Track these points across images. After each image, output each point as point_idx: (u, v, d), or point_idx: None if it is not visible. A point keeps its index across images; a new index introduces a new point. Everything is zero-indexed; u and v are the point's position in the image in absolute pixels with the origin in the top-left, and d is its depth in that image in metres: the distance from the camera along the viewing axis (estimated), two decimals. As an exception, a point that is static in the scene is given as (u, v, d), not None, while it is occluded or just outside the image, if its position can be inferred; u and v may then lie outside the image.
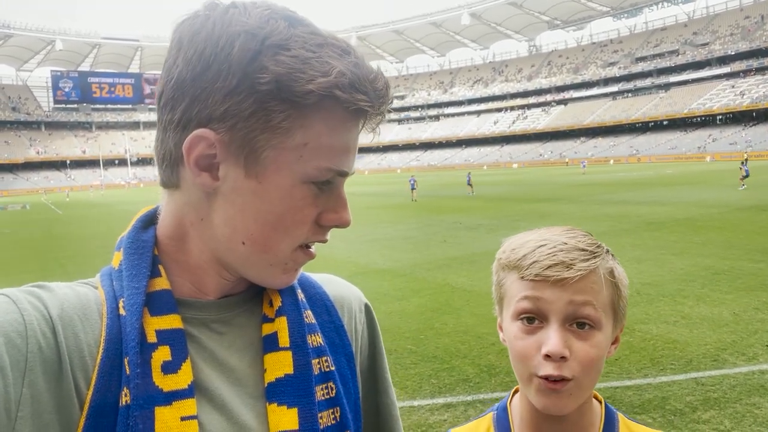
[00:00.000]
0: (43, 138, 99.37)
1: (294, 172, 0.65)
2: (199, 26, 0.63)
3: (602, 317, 0.78)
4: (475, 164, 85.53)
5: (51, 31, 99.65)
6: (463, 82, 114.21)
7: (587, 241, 0.81)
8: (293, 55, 0.61)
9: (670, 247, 10.84)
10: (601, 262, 0.79)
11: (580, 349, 0.77)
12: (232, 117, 0.62)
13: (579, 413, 0.84)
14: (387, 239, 14.46)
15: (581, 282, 0.77)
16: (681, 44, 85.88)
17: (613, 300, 0.80)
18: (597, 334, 0.78)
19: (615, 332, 0.83)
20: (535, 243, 0.81)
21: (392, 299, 8.13)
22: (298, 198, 0.66)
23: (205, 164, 0.65)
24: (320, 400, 0.71)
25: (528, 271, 0.78)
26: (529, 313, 0.79)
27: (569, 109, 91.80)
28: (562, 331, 0.77)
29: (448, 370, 5.30)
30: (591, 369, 0.78)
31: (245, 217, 0.66)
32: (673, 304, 7.05)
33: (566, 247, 0.79)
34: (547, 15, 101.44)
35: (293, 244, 0.69)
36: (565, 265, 0.77)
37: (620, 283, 0.82)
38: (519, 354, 0.80)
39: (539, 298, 0.78)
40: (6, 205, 47.78)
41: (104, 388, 0.60)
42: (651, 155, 67.88)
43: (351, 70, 0.63)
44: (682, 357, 5.31)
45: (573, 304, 0.77)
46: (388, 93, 0.67)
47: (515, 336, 0.81)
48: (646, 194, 22.74)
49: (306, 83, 0.61)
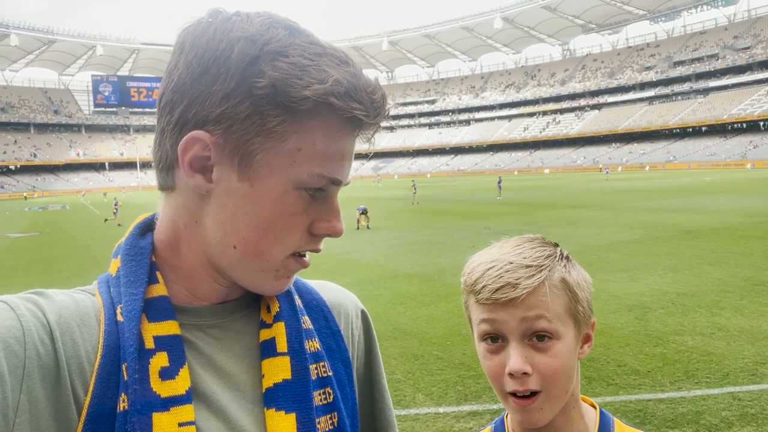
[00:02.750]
0: (83, 140, 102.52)
1: (287, 177, 0.65)
2: (201, 31, 0.65)
3: (559, 326, 0.80)
4: (506, 169, 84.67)
5: (92, 37, 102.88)
6: (495, 87, 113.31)
7: (534, 255, 0.83)
8: (291, 62, 0.62)
9: (708, 256, 10.52)
10: (547, 274, 0.81)
11: (541, 362, 0.80)
12: (228, 119, 0.63)
13: (566, 421, 0.86)
14: (414, 243, 14.42)
15: (530, 298, 0.79)
16: (721, 48, 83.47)
17: (569, 306, 0.82)
18: (556, 344, 0.80)
19: (581, 334, 0.85)
20: (485, 266, 0.83)
21: (419, 304, 8.10)
22: (289, 204, 0.66)
23: (199, 166, 0.66)
24: (318, 406, 0.72)
25: (480, 296, 0.82)
26: (490, 334, 0.82)
27: (604, 114, 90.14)
28: (521, 348, 0.80)
29: (475, 378, 5.24)
30: (556, 379, 0.80)
31: (236, 221, 0.66)
32: (709, 315, 6.83)
33: (512, 266, 0.81)
34: (582, 18, 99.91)
35: (285, 251, 0.68)
36: (511, 286, 0.79)
37: (575, 287, 0.83)
38: (489, 374, 0.84)
39: (495, 319, 0.81)
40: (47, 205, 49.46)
41: (102, 394, 0.60)
42: (689, 162, 66.11)
43: (348, 79, 0.64)
44: (719, 370, 5.13)
45: (526, 321, 0.79)
46: (384, 104, 0.68)
47: (483, 356, 0.85)
48: (683, 202, 22.13)
49: (302, 89, 0.62)
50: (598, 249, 11.98)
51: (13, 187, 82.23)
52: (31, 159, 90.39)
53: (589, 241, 13.10)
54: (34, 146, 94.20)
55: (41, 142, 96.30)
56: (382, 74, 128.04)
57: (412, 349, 6.12)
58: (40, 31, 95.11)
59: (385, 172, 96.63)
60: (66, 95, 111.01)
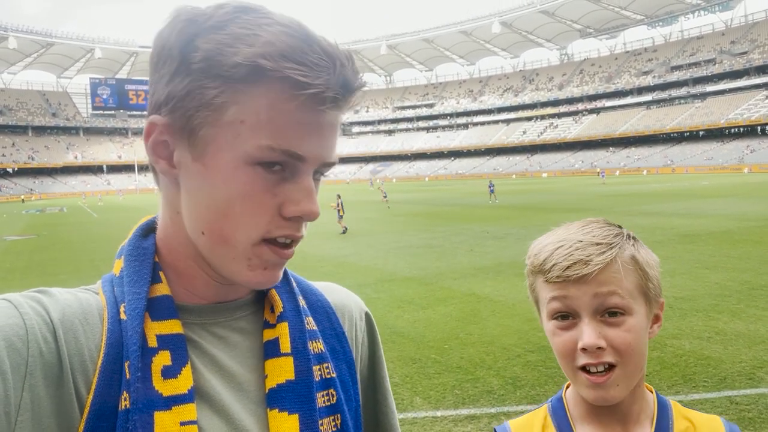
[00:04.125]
0: (81, 143, 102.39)
1: (234, 151, 0.62)
2: (161, 28, 0.66)
3: (631, 303, 0.82)
4: (504, 173, 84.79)
5: (91, 40, 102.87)
6: (493, 91, 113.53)
7: (603, 234, 0.84)
8: (227, 33, 0.61)
9: (705, 260, 10.54)
10: (618, 251, 0.82)
11: (615, 336, 0.80)
12: (172, 99, 0.63)
13: (631, 399, 0.87)
14: (413, 247, 14.42)
15: (601, 274, 0.80)
16: (718, 53, 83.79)
17: (640, 284, 0.83)
18: (629, 319, 0.81)
19: (652, 312, 0.86)
20: (554, 245, 0.85)
21: (417, 308, 8.10)
22: (243, 181, 0.63)
23: (163, 152, 0.66)
24: (321, 407, 0.71)
25: (550, 274, 0.83)
26: (561, 312, 0.84)
27: (601, 119, 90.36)
28: (594, 323, 0.81)
29: (472, 381, 5.24)
30: (631, 353, 0.81)
31: (199, 205, 0.65)
32: (707, 319, 6.85)
33: (581, 244, 0.82)
34: (580, 23, 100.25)
35: (251, 236, 0.64)
36: (582, 263, 0.81)
37: (645, 266, 0.84)
38: (559, 351, 0.85)
39: (566, 296, 0.82)
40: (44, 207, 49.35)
41: (104, 392, 0.60)
42: (686, 166, 66.28)
43: (283, 40, 0.60)
44: (716, 374, 5.14)
45: (598, 297, 0.80)
46: (342, 69, 0.62)
47: (553, 333, 0.85)
48: (681, 206, 22.18)
49: (233, 56, 0.60)
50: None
51: (11, 189, 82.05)
52: (29, 162, 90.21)
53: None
54: (31, 149, 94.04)
55: (39, 145, 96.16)
56: (380, 78, 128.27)
57: (409, 352, 6.11)
58: (38, 34, 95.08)
59: (384, 176, 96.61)
60: (64, 98, 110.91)
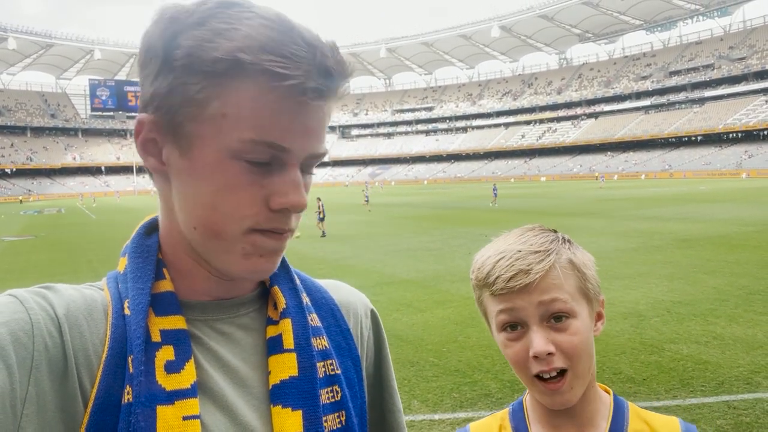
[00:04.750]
0: (79, 144, 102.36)
1: (217, 145, 0.63)
2: (148, 27, 0.66)
3: (574, 305, 0.84)
4: (502, 177, 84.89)
5: (90, 41, 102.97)
6: (492, 95, 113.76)
7: (540, 241, 0.86)
8: (207, 29, 0.61)
9: (703, 265, 10.55)
10: (555, 257, 0.85)
11: (562, 341, 0.83)
12: (158, 96, 0.64)
13: (584, 400, 0.89)
14: (411, 250, 14.42)
15: (543, 282, 0.83)
16: (716, 58, 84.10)
17: (580, 285, 0.86)
18: (574, 322, 0.84)
19: (594, 311, 0.89)
20: (495, 258, 0.86)
21: (415, 310, 8.09)
22: (228, 175, 0.63)
23: (152, 149, 0.67)
24: (325, 404, 0.71)
25: (495, 287, 0.84)
26: (509, 323, 0.85)
27: (600, 123, 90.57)
28: (541, 330, 0.83)
29: (471, 384, 5.24)
30: (580, 355, 0.84)
31: (188, 200, 0.66)
32: (704, 323, 6.85)
33: (521, 254, 0.84)
34: (579, 28, 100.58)
35: (241, 227, 0.65)
36: (524, 272, 0.82)
37: (582, 267, 0.87)
38: (513, 361, 0.86)
39: (512, 308, 0.84)
40: (42, 208, 49.27)
41: (108, 387, 0.61)
42: (684, 171, 66.44)
43: (264, 33, 0.61)
44: (714, 379, 5.14)
45: (543, 304, 0.83)
46: (322, 59, 0.62)
47: (504, 345, 0.87)
48: (679, 210, 22.21)
49: (212, 51, 0.61)
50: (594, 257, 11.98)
51: (9, 190, 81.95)
52: (27, 162, 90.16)
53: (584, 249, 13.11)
54: (30, 150, 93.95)
55: (38, 146, 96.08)
56: (379, 81, 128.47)
57: (407, 355, 6.11)
58: (38, 35, 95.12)
59: (382, 179, 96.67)
60: (63, 99, 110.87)
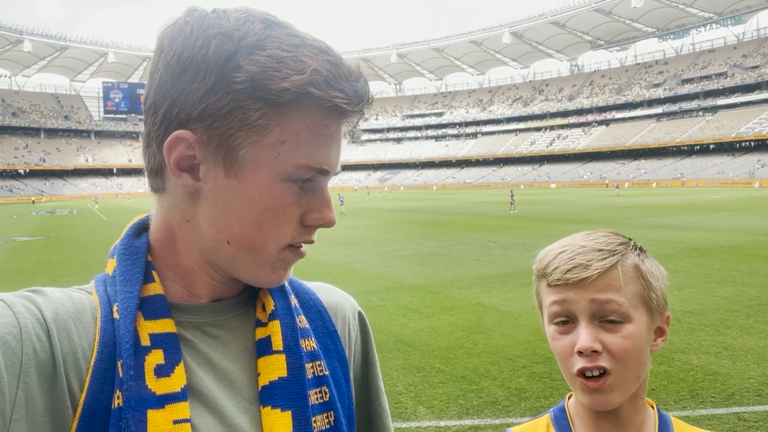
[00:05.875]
0: (92, 146, 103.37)
1: (273, 170, 0.65)
2: (178, 31, 0.65)
3: (630, 311, 0.81)
4: (512, 183, 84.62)
5: (104, 44, 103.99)
6: (502, 101, 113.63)
7: (607, 241, 0.85)
8: (268, 55, 0.62)
9: (714, 274, 10.44)
10: (620, 259, 0.83)
11: (611, 341, 0.80)
12: (210, 116, 0.63)
13: (633, 409, 0.86)
14: (419, 255, 14.39)
15: (601, 280, 0.81)
16: (730, 66, 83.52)
17: (642, 293, 0.83)
18: (627, 327, 0.81)
19: (654, 324, 0.86)
20: (557, 250, 0.87)
21: (422, 316, 8.06)
22: (278, 197, 0.66)
23: (186, 165, 0.66)
24: (314, 404, 0.72)
25: (552, 278, 0.84)
26: (560, 316, 0.84)
27: (611, 130, 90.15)
28: (590, 327, 0.81)
29: (477, 392, 5.20)
30: (627, 360, 0.80)
31: (228, 217, 0.66)
32: (715, 334, 6.77)
33: (584, 249, 0.84)
34: (590, 35, 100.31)
35: (279, 244, 0.68)
36: (582, 267, 0.82)
37: (648, 275, 0.84)
38: (558, 354, 0.85)
39: (565, 300, 0.83)
40: (54, 209, 49.74)
41: (97, 391, 0.60)
42: (696, 179, 65.91)
43: (327, 68, 0.64)
44: (724, 390, 5.07)
45: (596, 302, 0.81)
46: (366, 91, 0.67)
47: (552, 338, 0.86)
48: (690, 219, 22.00)
49: (281, 81, 0.62)
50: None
51: (22, 191, 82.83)
52: (41, 163, 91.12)
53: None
54: (43, 151, 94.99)
55: (51, 147, 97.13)
56: (390, 86, 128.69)
57: (414, 361, 6.08)
58: (52, 38, 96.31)
59: (391, 183, 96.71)
60: (77, 101, 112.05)
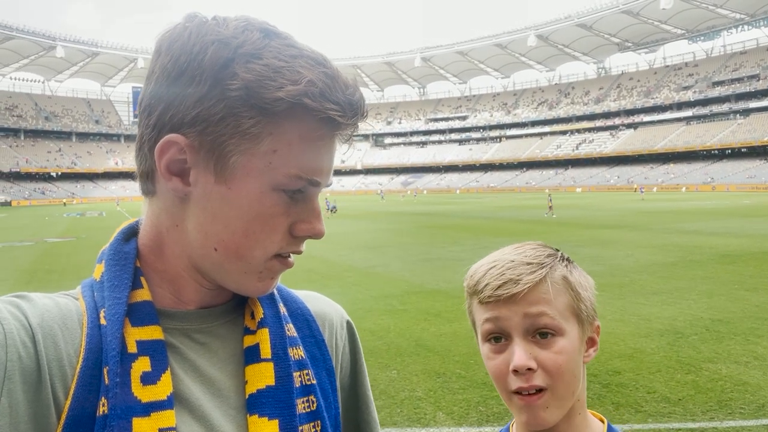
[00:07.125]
0: (121, 150, 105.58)
1: (263, 178, 0.65)
2: (176, 36, 0.65)
3: (562, 323, 0.80)
4: (537, 187, 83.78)
5: (134, 50, 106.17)
6: (527, 104, 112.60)
7: (535, 254, 0.85)
8: (264, 64, 0.62)
9: (745, 281, 10.15)
10: (548, 271, 0.82)
11: (545, 358, 0.79)
12: (203, 122, 0.63)
13: (570, 428, 0.84)
14: (441, 259, 14.31)
15: (531, 294, 0.80)
16: (762, 68, 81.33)
17: (572, 304, 0.82)
18: (560, 340, 0.80)
19: (585, 335, 0.84)
20: (487, 266, 0.85)
21: (444, 321, 8.01)
22: (268, 205, 0.66)
23: (177, 169, 0.66)
24: (301, 413, 0.71)
25: (483, 295, 0.82)
26: (493, 333, 0.82)
27: (639, 134, 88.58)
28: (524, 344, 0.79)
29: (497, 399, 5.13)
30: (562, 375, 0.79)
31: (216, 223, 0.66)
32: (745, 343, 6.57)
33: (513, 264, 0.83)
34: (618, 37, 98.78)
35: (266, 253, 0.68)
36: (512, 282, 0.80)
37: (577, 286, 0.83)
38: (493, 374, 0.83)
39: (497, 317, 0.81)
40: (84, 211, 50.93)
41: (82, 398, 0.60)
42: (727, 184, 64.29)
43: (322, 79, 0.64)
44: (754, 401, 4.91)
45: (528, 317, 0.79)
46: (362, 104, 0.67)
47: (487, 357, 0.84)
48: (721, 225, 21.46)
49: (275, 90, 0.62)
50: (631, 271, 11.69)
51: (54, 193, 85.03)
52: (72, 167, 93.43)
53: (621, 263, 12.80)
54: (75, 154, 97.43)
55: (82, 151, 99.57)
56: (414, 90, 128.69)
57: (434, 366, 6.04)
58: (84, 44, 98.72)
59: (415, 187, 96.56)
60: (107, 106, 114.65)
